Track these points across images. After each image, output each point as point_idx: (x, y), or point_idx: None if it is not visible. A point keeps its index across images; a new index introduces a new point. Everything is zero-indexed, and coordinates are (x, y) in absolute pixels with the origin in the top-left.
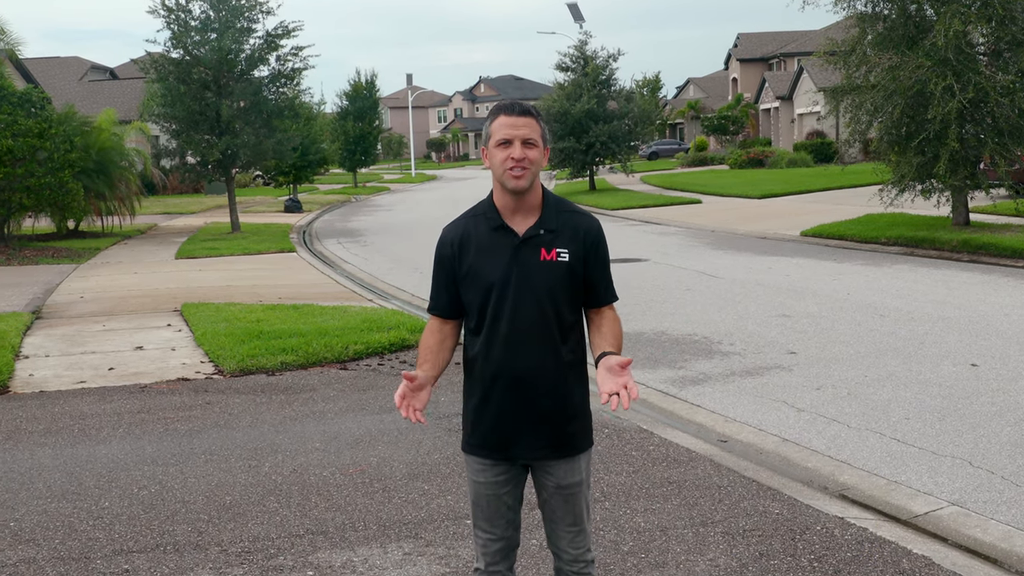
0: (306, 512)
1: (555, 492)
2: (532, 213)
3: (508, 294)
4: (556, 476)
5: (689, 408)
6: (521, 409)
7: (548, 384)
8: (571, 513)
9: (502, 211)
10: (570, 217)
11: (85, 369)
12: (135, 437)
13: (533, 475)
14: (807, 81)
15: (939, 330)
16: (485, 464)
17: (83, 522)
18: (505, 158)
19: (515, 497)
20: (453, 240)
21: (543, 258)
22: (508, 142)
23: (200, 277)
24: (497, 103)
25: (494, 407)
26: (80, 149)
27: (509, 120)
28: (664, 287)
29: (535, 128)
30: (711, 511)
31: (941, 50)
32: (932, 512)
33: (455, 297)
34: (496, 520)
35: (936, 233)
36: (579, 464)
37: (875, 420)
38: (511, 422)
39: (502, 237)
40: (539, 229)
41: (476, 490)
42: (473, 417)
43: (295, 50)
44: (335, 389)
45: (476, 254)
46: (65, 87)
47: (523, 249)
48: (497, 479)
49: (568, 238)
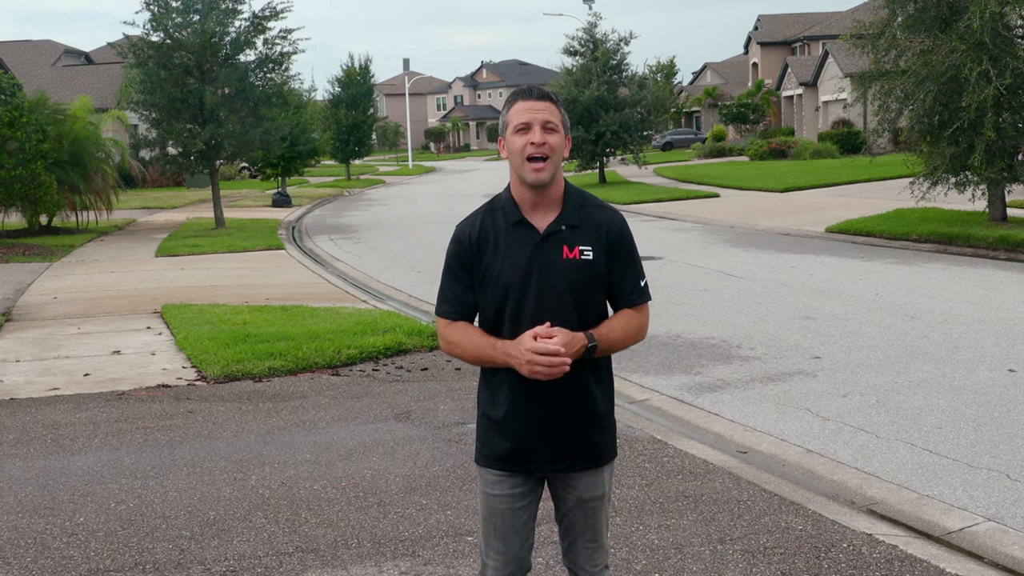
0: (295, 528)
1: (576, 506)
2: (553, 207)
3: (528, 294)
4: (578, 489)
5: (706, 417)
6: (542, 417)
7: (571, 390)
8: (591, 528)
9: (521, 205)
10: (593, 212)
11: (58, 375)
12: (112, 448)
13: (552, 488)
14: (833, 66)
15: (974, 333)
16: (501, 476)
17: (56, 539)
18: (525, 144)
19: (531, 513)
20: (471, 236)
21: (565, 256)
22: (527, 127)
23: (182, 276)
24: (513, 90)
25: (513, 415)
26: (53, 139)
27: (527, 104)
28: (679, 287)
29: (555, 112)
30: (730, 527)
31: (976, 33)
32: (967, 528)
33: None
34: (511, 538)
35: (971, 229)
36: (602, 477)
37: (906, 430)
38: (531, 431)
39: (521, 233)
40: (560, 225)
41: (489, 504)
42: (489, 425)
43: (284, 33)
44: (327, 396)
45: (494, 251)
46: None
47: (544, 246)
48: (514, 492)
49: (591, 234)
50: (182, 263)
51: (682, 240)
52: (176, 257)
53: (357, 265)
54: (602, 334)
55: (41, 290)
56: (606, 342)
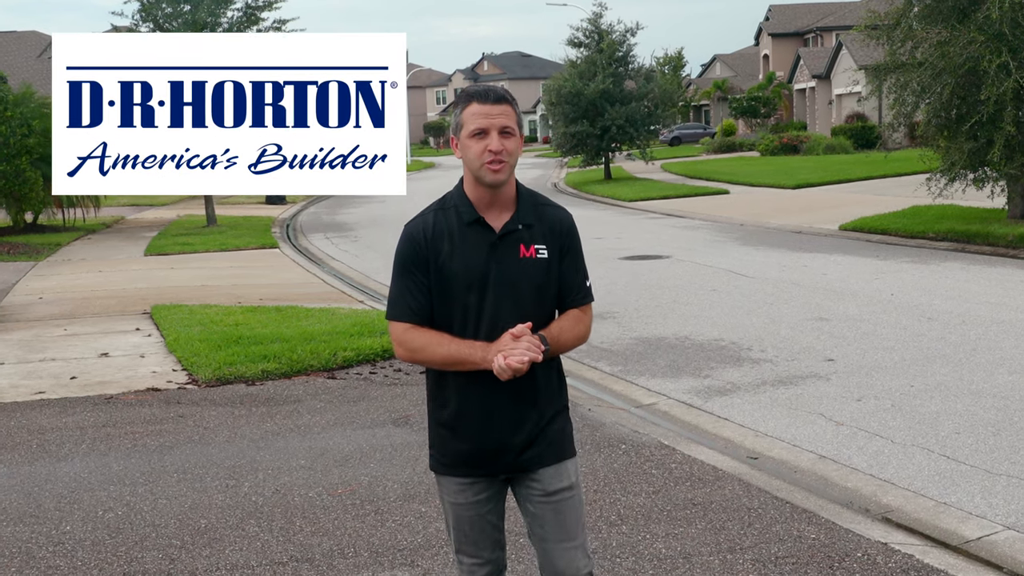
0: (290, 537)
1: (542, 502)
2: (507, 207)
3: (487, 295)
4: (543, 482)
5: (715, 421)
6: (502, 417)
7: (531, 388)
8: (562, 526)
9: (476, 204)
10: (545, 210)
11: (44, 378)
12: (100, 454)
13: (515, 490)
14: (846, 58)
15: (993, 335)
16: (463, 484)
17: (42, 548)
18: (482, 150)
19: (498, 514)
20: (425, 235)
21: (522, 255)
22: (484, 132)
23: (172, 276)
24: (466, 88)
25: (472, 418)
26: (39, 133)
27: (484, 108)
28: (687, 287)
29: (511, 116)
30: (740, 536)
31: (995, 23)
32: (986, 537)
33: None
34: (482, 543)
35: (990, 227)
36: (567, 468)
37: (922, 435)
38: (491, 432)
39: (477, 232)
40: (516, 224)
41: (456, 513)
42: (446, 432)
43: (277, 24)
44: (322, 400)
45: (449, 251)
46: (22, 64)
47: (500, 246)
48: (478, 498)
49: (545, 233)
50: (172, 262)
51: (690, 238)
52: (166, 256)
53: (354, 264)
54: (553, 335)
55: (26, 290)
56: (556, 344)
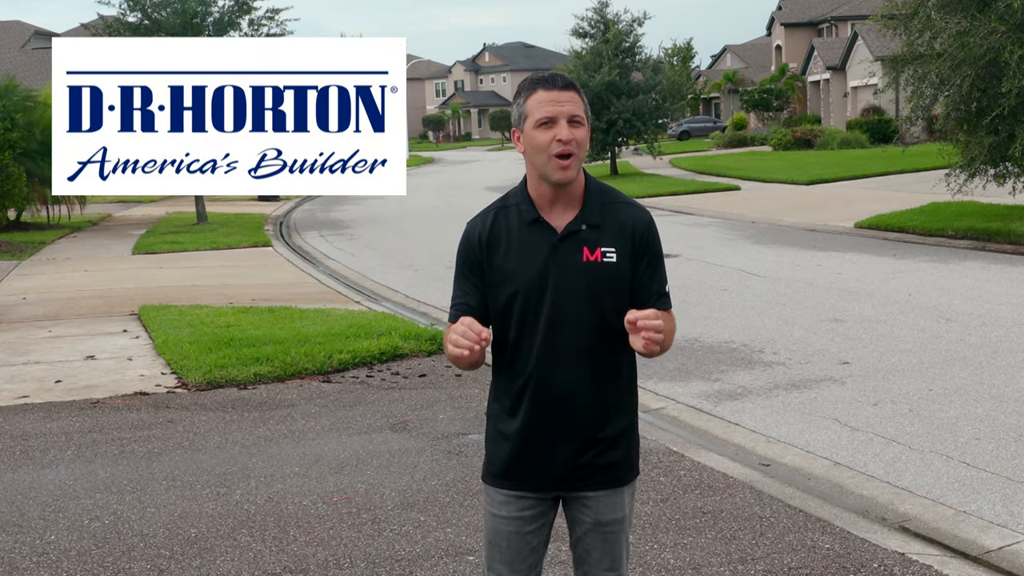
0: (283, 547)
1: (592, 530)
2: (573, 204)
3: (544, 300)
4: (595, 511)
5: (726, 427)
6: (557, 432)
7: (589, 404)
8: (608, 556)
9: (537, 202)
10: (617, 209)
11: (28, 382)
12: (86, 460)
13: (566, 509)
14: (862, 49)
15: (1015, 336)
16: (510, 496)
17: (26, 559)
18: (551, 140)
19: (541, 537)
20: (481, 236)
21: (586, 258)
22: (551, 121)
23: (161, 275)
24: (530, 76)
25: (525, 430)
26: (22, 127)
27: (551, 95)
28: (697, 287)
29: (580, 103)
30: (752, 546)
31: (1017, 13)
32: (1007, 547)
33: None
34: (517, 564)
35: (1012, 224)
36: (622, 498)
37: (941, 441)
38: (544, 447)
39: (537, 233)
40: (580, 224)
41: (495, 526)
42: (499, 440)
43: (270, 13)
44: (317, 405)
45: (506, 253)
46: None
47: (562, 248)
48: (523, 514)
49: (615, 234)
50: (161, 261)
51: (700, 236)
52: (155, 255)
53: (349, 263)
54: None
55: (9, 290)
56: (667, 335)
